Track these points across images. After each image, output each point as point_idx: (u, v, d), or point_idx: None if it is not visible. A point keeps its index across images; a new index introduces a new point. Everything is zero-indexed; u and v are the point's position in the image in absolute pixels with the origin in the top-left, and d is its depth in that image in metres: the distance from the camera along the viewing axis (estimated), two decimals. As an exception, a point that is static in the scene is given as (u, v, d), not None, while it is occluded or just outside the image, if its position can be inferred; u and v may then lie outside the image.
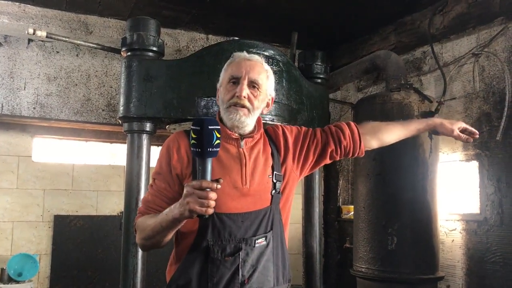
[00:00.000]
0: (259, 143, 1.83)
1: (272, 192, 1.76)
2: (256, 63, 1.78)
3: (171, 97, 3.16)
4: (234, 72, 1.74)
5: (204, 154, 1.44)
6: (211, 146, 1.44)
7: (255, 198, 1.72)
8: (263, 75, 1.77)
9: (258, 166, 1.77)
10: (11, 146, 5.41)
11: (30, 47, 4.28)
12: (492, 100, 3.56)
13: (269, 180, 1.77)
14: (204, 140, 1.43)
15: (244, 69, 1.73)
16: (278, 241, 1.76)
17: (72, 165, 5.73)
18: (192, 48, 4.60)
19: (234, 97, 1.71)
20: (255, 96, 1.74)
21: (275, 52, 3.33)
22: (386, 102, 3.57)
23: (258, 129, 1.83)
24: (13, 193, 5.38)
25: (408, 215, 3.42)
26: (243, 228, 1.67)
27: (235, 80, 1.74)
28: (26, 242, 5.38)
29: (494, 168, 3.49)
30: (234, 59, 1.80)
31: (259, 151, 1.80)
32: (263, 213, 1.72)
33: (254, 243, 1.67)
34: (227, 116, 1.73)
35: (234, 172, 1.71)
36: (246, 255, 1.66)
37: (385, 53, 3.94)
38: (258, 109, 1.77)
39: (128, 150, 3.20)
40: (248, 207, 1.70)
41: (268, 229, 1.72)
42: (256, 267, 1.67)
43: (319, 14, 4.24)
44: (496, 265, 3.42)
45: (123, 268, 3.12)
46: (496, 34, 3.54)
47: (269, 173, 1.78)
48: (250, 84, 1.73)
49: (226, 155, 1.73)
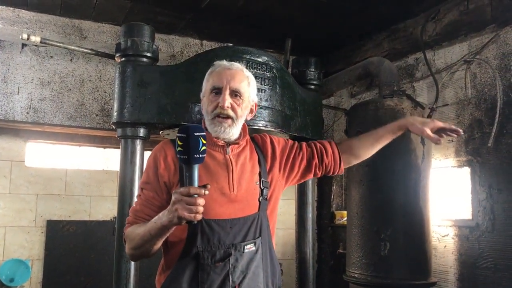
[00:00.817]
0: (246, 149, 1.86)
1: (260, 198, 1.79)
2: (236, 71, 1.80)
3: (165, 102, 3.16)
4: (216, 83, 1.77)
5: (190, 161, 1.45)
6: (197, 152, 1.45)
7: (243, 204, 1.74)
8: (245, 83, 1.80)
9: (245, 173, 1.79)
10: (4, 150, 5.38)
11: (24, 52, 4.27)
12: (484, 107, 3.59)
13: (257, 187, 1.80)
14: (191, 147, 1.44)
15: (225, 79, 1.75)
16: (267, 248, 1.78)
17: (65, 170, 5.71)
18: (186, 54, 4.61)
19: (218, 108, 1.74)
20: (238, 105, 1.76)
21: (268, 58, 3.35)
22: (379, 108, 3.60)
23: (244, 136, 1.86)
24: (5, 198, 5.35)
25: (401, 221, 3.44)
26: (231, 234, 1.68)
27: (217, 90, 1.76)
28: (18, 247, 5.35)
29: (486, 174, 3.51)
30: (215, 69, 1.82)
31: (245, 158, 1.83)
32: (252, 219, 1.74)
33: (243, 248, 1.69)
34: (212, 128, 1.76)
35: (221, 179, 1.73)
36: (236, 260, 1.67)
37: (378, 59, 3.97)
38: (242, 117, 1.80)
39: (122, 156, 3.20)
40: (236, 213, 1.72)
41: (257, 235, 1.74)
42: (246, 273, 1.68)
43: (312, 20, 4.27)
44: (488, 271, 3.44)
45: (116, 273, 3.11)
46: (487, 41, 3.58)
47: (256, 179, 1.81)
48: (232, 93, 1.76)
49: (213, 162, 1.74)
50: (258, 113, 3.23)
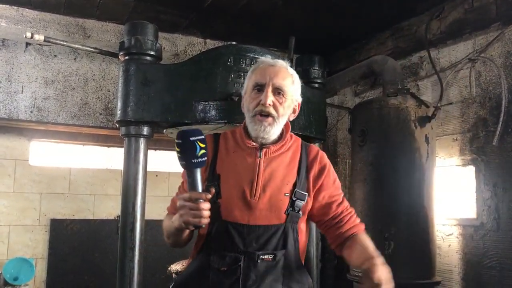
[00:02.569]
0: (285, 155, 1.75)
1: (289, 210, 1.67)
2: (280, 68, 1.73)
3: (169, 101, 3.16)
4: (258, 79, 1.70)
5: (189, 166, 1.45)
6: (195, 157, 1.44)
7: (264, 212, 1.65)
8: (288, 81, 1.73)
9: (274, 180, 1.69)
10: (8, 149, 5.40)
11: (27, 51, 4.28)
12: (489, 105, 3.57)
13: (286, 198, 1.67)
14: (187, 152, 1.43)
15: (268, 76, 1.68)
16: (292, 262, 1.67)
17: (69, 169, 5.72)
18: (190, 52, 4.61)
19: (259, 105, 1.67)
20: (281, 103, 1.69)
21: (272, 57, 3.34)
22: (383, 107, 3.58)
23: (284, 137, 1.76)
24: (9, 196, 5.37)
25: (405, 220, 3.42)
26: (247, 241, 1.62)
27: (259, 87, 1.69)
28: (22, 246, 5.36)
29: (491, 173, 3.49)
30: (258, 65, 1.76)
31: (280, 164, 1.72)
32: (274, 230, 1.65)
33: (258, 258, 1.61)
34: (252, 127, 1.69)
35: (245, 183, 1.66)
36: (248, 269, 1.60)
37: (382, 58, 3.96)
38: (284, 116, 1.72)
39: (125, 154, 3.20)
40: (256, 221, 1.64)
41: (279, 247, 1.64)
42: (260, 285, 1.60)
43: (316, 19, 4.26)
44: (492, 270, 3.42)
45: (120, 272, 3.11)
46: (492, 39, 3.56)
47: (287, 190, 1.68)
48: (275, 91, 1.68)
49: (241, 163, 1.69)
50: (262, 111, 3.23)
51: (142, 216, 3.13)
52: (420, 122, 3.52)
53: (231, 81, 3.17)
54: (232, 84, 3.17)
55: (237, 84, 3.17)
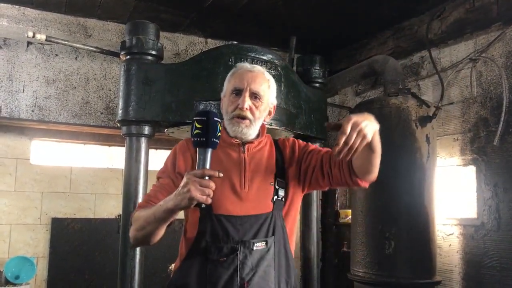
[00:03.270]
0: (263, 150, 1.87)
1: (274, 198, 1.79)
2: (258, 74, 1.83)
3: (170, 100, 3.17)
4: (237, 84, 1.80)
5: (208, 143, 1.49)
6: (215, 136, 1.49)
7: (254, 203, 1.75)
8: (265, 86, 1.83)
9: (259, 172, 1.81)
10: (9, 148, 5.41)
11: (29, 50, 4.29)
12: (490, 105, 3.58)
13: (270, 187, 1.80)
14: (210, 130, 1.48)
15: (246, 81, 1.78)
16: (281, 248, 1.77)
17: (70, 168, 5.73)
18: (191, 52, 4.61)
19: (237, 109, 1.77)
20: (257, 107, 1.79)
21: (273, 57, 3.34)
22: (384, 106, 3.59)
23: (262, 135, 1.88)
24: (11, 195, 5.38)
25: (406, 220, 3.43)
26: (241, 231, 1.70)
27: (237, 91, 1.79)
28: (24, 245, 5.37)
29: (491, 173, 3.50)
30: (237, 70, 1.85)
31: (261, 158, 1.85)
32: (263, 218, 1.74)
33: (253, 246, 1.70)
34: (230, 128, 1.80)
35: (234, 176, 1.76)
36: (245, 257, 1.68)
37: (383, 58, 3.96)
38: (260, 118, 1.83)
39: (127, 153, 3.21)
40: (247, 211, 1.73)
41: (269, 234, 1.74)
42: (256, 271, 1.69)
43: (317, 19, 4.26)
44: (493, 270, 3.43)
45: (121, 271, 3.12)
46: (493, 39, 3.56)
47: (271, 180, 1.81)
48: (252, 96, 1.79)
49: (227, 159, 1.79)
50: (263, 111, 3.23)
51: (143, 215, 3.14)
52: (421, 122, 3.52)
53: (232, 81, 3.17)
54: (233, 84, 3.17)
55: (238, 84, 3.16)
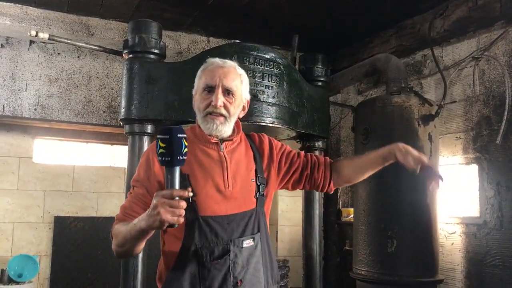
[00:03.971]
0: (240, 146, 1.85)
1: (257, 195, 1.79)
2: (229, 69, 1.78)
3: (173, 99, 3.17)
4: (208, 81, 1.75)
5: (173, 162, 1.42)
6: (180, 154, 1.42)
7: (239, 200, 1.74)
8: (237, 81, 1.79)
9: (240, 169, 1.79)
10: (12, 147, 5.42)
11: (31, 49, 4.29)
12: (492, 104, 3.57)
13: (253, 184, 1.79)
14: (174, 148, 1.41)
15: (218, 77, 1.74)
16: (265, 243, 1.79)
17: (72, 167, 5.74)
18: (193, 50, 4.61)
19: (210, 106, 1.73)
20: (231, 103, 1.76)
21: (276, 55, 3.34)
22: (387, 105, 3.58)
23: (238, 132, 1.86)
24: (13, 194, 5.39)
25: (408, 218, 3.43)
26: (229, 230, 1.69)
27: (209, 88, 1.75)
28: (27, 243, 5.39)
29: (494, 171, 3.49)
30: (207, 66, 1.80)
31: (240, 155, 1.83)
32: (249, 215, 1.74)
33: (242, 244, 1.69)
34: (205, 126, 1.76)
35: (216, 176, 1.73)
36: (235, 256, 1.67)
37: (385, 56, 3.95)
38: (234, 115, 1.79)
39: (129, 152, 3.21)
40: (233, 210, 1.72)
41: (255, 231, 1.75)
42: (247, 269, 1.69)
43: (319, 17, 4.26)
44: (495, 269, 3.43)
45: (123, 270, 3.13)
46: (496, 38, 3.55)
47: (252, 176, 1.81)
48: (225, 92, 1.75)
49: (207, 159, 1.75)
50: (265, 109, 3.24)
51: (145, 214, 3.14)
52: (424, 121, 3.52)
53: (234, 79, 3.17)
54: (236, 82, 3.17)
55: (241, 82, 3.17)
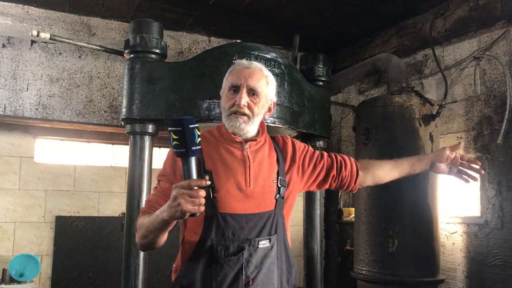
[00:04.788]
0: (264, 147, 1.86)
1: (276, 196, 1.79)
2: (255, 70, 1.81)
3: (174, 99, 3.17)
4: (234, 80, 1.79)
5: (188, 153, 1.44)
6: (194, 144, 1.44)
7: (259, 200, 1.75)
8: (263, 82, 1.81)
9: (263, 170, 1.80)
10: (13, 147, 5.43)
11: (33, 49, 4.30)
12: (493, 104, 3.57)
13: (274, 185, 1.79)
14: (187, 139, 1.43)
15: (243, 77, 1.77)
16: (282, 246, 1.78)
17: (74, 166, 5.75)
18: (194, 50, 4.62)
19: (234, 106, 1.76)
20: (255, 103, 1.78)
21: (276, 55, 3.35)
22: (388, 105, 3.58)
23: (262, 133, 1.87)
24: (15, 193, 5.40)
25: (409, 218, 3.43)
26: (246, 229, 1.70)
27: (235, 88, 1.78)
28: (28, 243, 5.40)
29: (495, 171, 3.49)
30: (234, 67, 1.84)
31: (263, 155, 1.84)
32: (267, 216, 1.75)
33: (258, 244, 1.70)
34: (228, 124, 1.79)
35: (238, 174, 1.75)
36: (250, 255, 1.68)
37: (386, 56, 3.95)
38: (259, 115, 1.81)
39: (131, 152, 3.22)
40: (252, 209, 1.73)
41: (272, 232, 1.75)
42: (260, 269, 1.69)
43: (320, 17, 4.26)
44: (496, 268, 3.42)
45: (125, 269, 3.13)
46: (497, 37, 3.55)
47: (273, 177, 1.81)
48: (250, 92, 1.77)
49: (230, 157, 1.77)
50: (266, 109, 3.23)
51: (147, 213, 3.15)
52: (425, 120, 3.52)
53: (235, 79, 3.17)
54: (237, 82, 3.17)
55: (242, 82, 3.17)
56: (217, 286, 1.66)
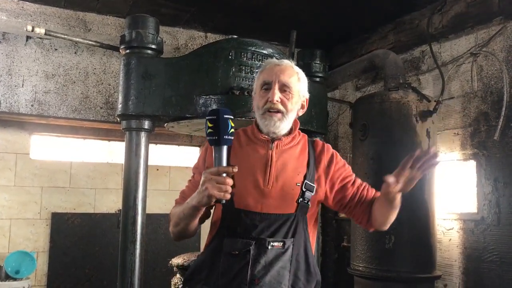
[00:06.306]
0: (294, 148, 1.84)
1: (299, 200, 1.75)
2: (286, 66, 1.81)
3: (170, 95, 3.16)
4: (266, 78, 1.79)
5: (220, 141, 1.52)
6: (226, 134, 1.52)
7: (277, 201, 1.73)
8: (294, 78, 1.81)
9: (286, 170, 1.77)
10: (9, 143, 5.40)
11: (28, 44, 4.27)
12: (490, 100, 3.57)
13: (297, 188, 1.75)
14: (221, 128, 1.51)
15: (275, 74, 1.77)
16: (300, 251, 1.74)
17: (70, 163, 5.72)
18: (190, 46, 4.60)
19: (268, 103, 1.75)
20: (288, 99, 1.77)
21: (273, 51, 3.33)
22: (385, 101, 3.58)
23: (294, 131, 1.85)
24: (10, 190, 5.37)
25: (406, 214, 3.38)
26: (259, 228, 1.70)
27: (267, 86, 1.78)
28: (24, 240, 5.37)
29: (492, 167, 3.49)
30: (265, 66, 1.85)
31: (291, 156, 1.81)
32: (285, 218, 1.72)
33: (268, 244, 1.68)
34: (263, 123, 1.78)
35: (258, 172, 1.75)
36: (258, 254, 1.67)
37: (383, 52, 3.95)
38: (292, 111, 1.80)
39: (127, 148, 3.20)
40: (269, 209, 1.72)
41: (289, 236, 1.71)
42: (269, 270, 1.67)
43: (317, 13, 4.24)
44: (493, 264, 3.43)
45: (121, 265, 3.12)
46: (494, 33, 3.55)
47: (298, 180, 1.76)
48: (282, 88, 1.77)
49: (254, 155, 1.78)
50: (263, 105, 3.23)
51: (143, 210, 3.14)
52: (422, 117, 3.51)
53: (232, 75, 3.16)
54: (233, 78, 3.16)
55: (238, 78, 3.16)
56: (219, 278, 1.68)
